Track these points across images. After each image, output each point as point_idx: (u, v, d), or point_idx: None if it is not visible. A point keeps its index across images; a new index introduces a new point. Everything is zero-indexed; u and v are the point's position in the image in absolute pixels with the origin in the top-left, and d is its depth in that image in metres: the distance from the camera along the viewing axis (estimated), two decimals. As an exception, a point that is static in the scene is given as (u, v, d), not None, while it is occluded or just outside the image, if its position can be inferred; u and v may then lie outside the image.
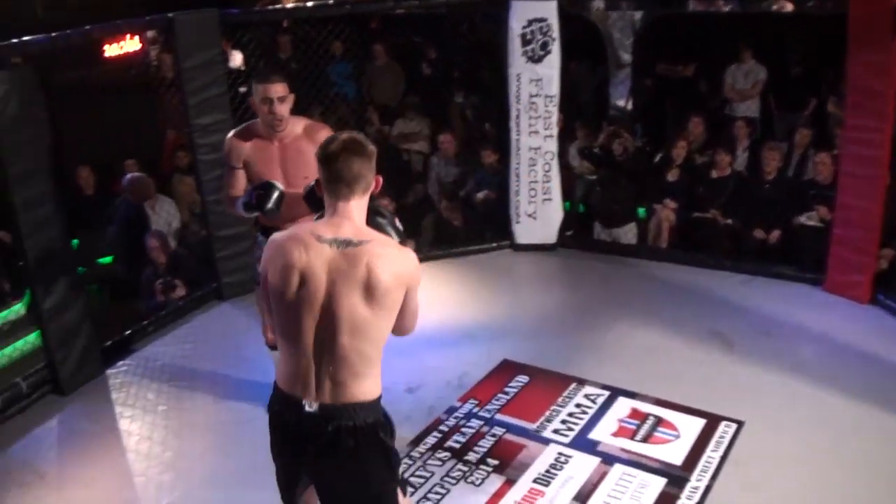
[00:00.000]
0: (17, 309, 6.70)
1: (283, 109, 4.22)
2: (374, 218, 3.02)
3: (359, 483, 2.91)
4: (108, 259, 7.60)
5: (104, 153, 8.23)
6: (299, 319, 2.79)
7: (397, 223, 3.18)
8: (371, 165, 2.85)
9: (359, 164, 2.80)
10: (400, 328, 3.00)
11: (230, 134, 4.46)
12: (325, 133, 4.15)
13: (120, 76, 8.63)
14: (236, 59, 8.35)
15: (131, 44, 8.63)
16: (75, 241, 5.70)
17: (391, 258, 2.78)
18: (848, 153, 6.07)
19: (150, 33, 8.04)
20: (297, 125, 4.36)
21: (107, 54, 8.62)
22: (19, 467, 4.78)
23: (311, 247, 2.78)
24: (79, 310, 5.51)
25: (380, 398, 2.92)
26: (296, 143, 4.34)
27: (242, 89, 7.19)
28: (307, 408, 2.82)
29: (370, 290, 2.74)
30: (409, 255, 2.87)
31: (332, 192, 2.84)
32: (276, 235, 2.93)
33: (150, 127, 8.04)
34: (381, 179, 2.93)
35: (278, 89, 4.18)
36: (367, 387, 2.86)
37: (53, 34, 5.40)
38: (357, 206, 2.85)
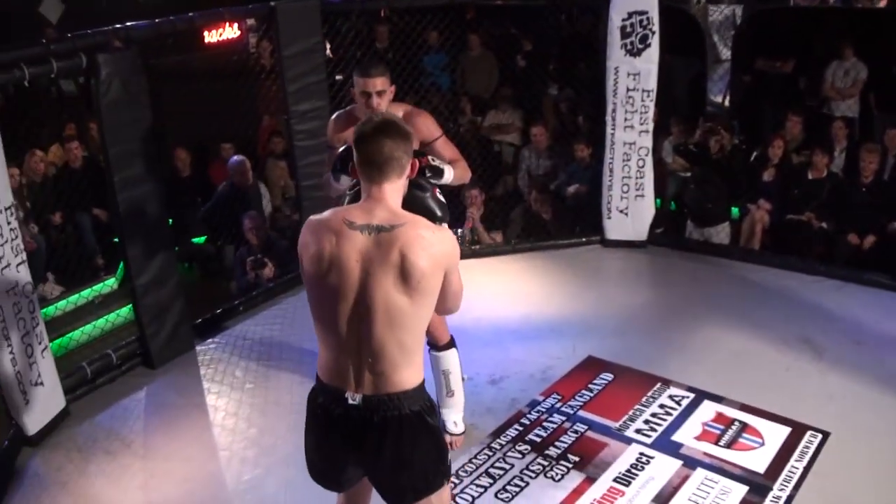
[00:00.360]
0: (110, 283, 6.95)
1: (381, 103, 4.15)
2: (413, 192, 3.08)
3: (410, 471, 2.87)
4: (201, 239, 7.79)
5: (201, 136, 8.43)
6: (334, 309, 2.75)
7: (439, 196, 3.21)
8: (406, 148, 2.80)
9: (391, 146, 2.74)
10: (443, 309, 2.95)
11: (333, 116, 4.45)
12: (422, 120, 4.17)
13: (218, 62, 8.81)
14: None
15: (230, 31, 8.81)
16: (170, 221, 5.83)
17: (426, 240, 2.71)
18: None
19: (249, 20, 8.18)
20: (398, 111, 4.24)
21: (207, 40, 8.82)
22: (106, 435, 4.96)
23: (342, 234, 2.73)
24: (171, 287, 5.65)
25: (423, 384, 2.86)
26: None
27: (339, 77, 7.28)
28: (350, 400, 2.77)
29: (405, 277, 2.68)
30: (445, 234, 2.83)
31: (365, 176, 2.78)
32: (312, 219, 2.87)
33: (246, 112, 8.17)
34: (417, 163, 2.92)
35: (377, 83, 4.11)
36: (408, 375, 2.79)
37: (157, 20, 5.55)
38: (391, 190, 2.79)
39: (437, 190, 3.32)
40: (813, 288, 6.39)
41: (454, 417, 4.55)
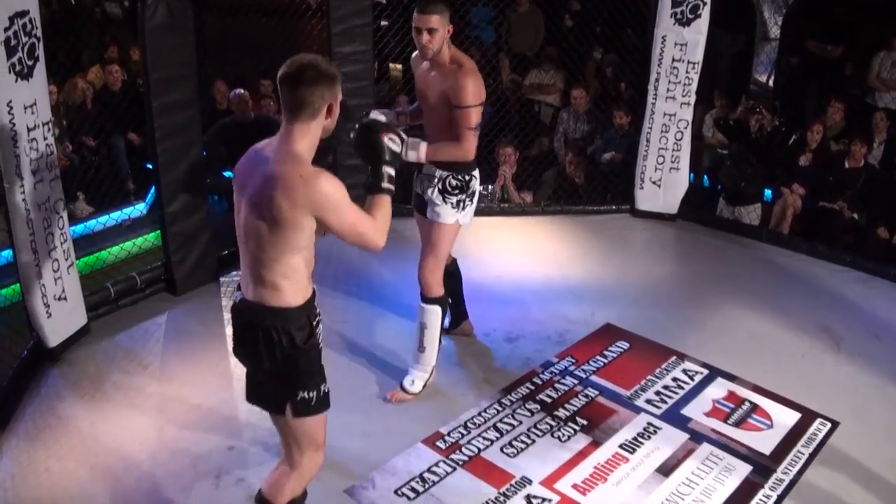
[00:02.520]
0: (140, 208, 7.01)
1: (432, 41, 4.18)
2: (362, 132, 3.19)
3: (259, 379, 3.15)
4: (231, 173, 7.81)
5: (241, 70, 8.42)
6: (238, 223, 3.01)
7: (391, 137, 3.18)
8: (322, 92, 2.86)
9: (304, 91, 2.82)
10: (355, 245, 3.08)
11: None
12: (461, 83, 4.20)
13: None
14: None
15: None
16: (204, 152, 5.86)
17: (286, 182, 2.79)
18: None
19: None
20: (451, 61, 4.32)
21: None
22: (124, 355, 5.07)
23: (248, 159, 2.99)
24: (200, 216, 5.72)
25: (296, 308, 3.01)
26: (439, 72, 4.32)
27: (384, 23, 7.25)
28: (235, 299, 3.12)
29: (261, 208, 2.85)
30: (308, 182, 2.82)
31: (282, 113, 2.92)
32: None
33: (289, 50, 8.14)
34: (335, 106, 2.92)
35: (431, 20, 4.15)
36: (274, 294, 2.97)
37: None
38: (299, 129, 2.85)
39: (395, 131, 3.26)
40: (838, 278, 6.35)
41: (414, 375, 4.66)
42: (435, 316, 4.55)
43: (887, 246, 6.88)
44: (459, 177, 4.43)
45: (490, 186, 7.21)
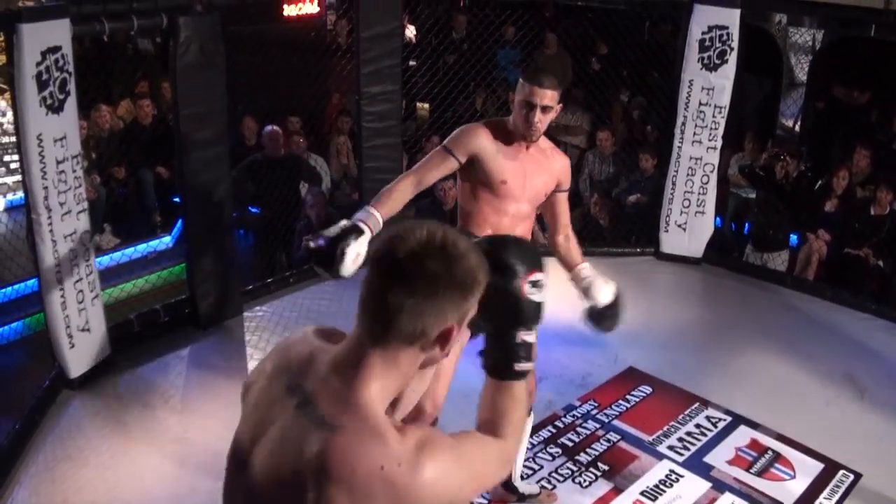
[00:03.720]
0: (166, 241, 7.08)
1: (543, 121, 3.54)
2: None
3: None
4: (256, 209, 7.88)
5: (270, 107, 8.51)
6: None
7: (526, 290, 1.95)
8: (444, 306, 1.63)
9: (408, 298, 1.60)
10: None
11: (475, 123, 3.70)
12: (565, 167, 3.78)
13: (295, 36, 8.89)
14: (408, 31, 8.47)
15: (310, 6, 8.87)
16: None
17: (356, 479, 1.57)
18: None
19: (330, -1, 8.26)
20: (543, 139, 3.71)
21: (286, 13, 8.89)
22: (146, 387, 5.08)
23: (272, 381, 1.80)
24: (225, 251, 5.73)
25: None
26: (540, 155, 3.69)
27: (412, 63, 7.31)
28: None
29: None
30: (405, 477, 1.58)
31: (357, 319, 1.69)
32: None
33: (317, 88, 8.22)
34: (453, 331, 1.66)
35: (547, 96, 3.48)
36: None
37: (239, -12, 5.62)
38: (383, 361, 1.65)
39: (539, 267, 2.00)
40: (863, 325, 6.29)
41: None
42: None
43: (913, 294, 6.82)
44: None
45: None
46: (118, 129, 7.98)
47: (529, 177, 3.63)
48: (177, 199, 6.04)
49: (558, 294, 2.95)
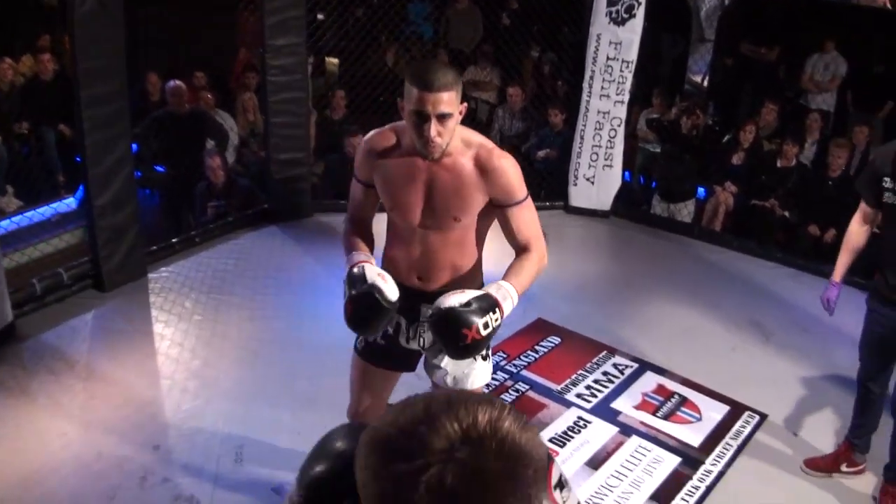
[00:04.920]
0: (69, 202, 6.87)
1: (443, 134, 2.73)
2: None
3: None
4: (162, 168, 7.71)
5: (175, 62, 8.31)
6: None
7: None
8: None
9: None
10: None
11: (369, 135, 3.01)
12: (502, 171, 2.90)
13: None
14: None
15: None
16: (134, 145, 5.76)
17: None
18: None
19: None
20: (468, 143, 2.88)
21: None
22: (51, 353, 4.93)
23: None
24: (129, 211, 5.60)
25: None
26: (457, 167, 2.86)
27: (320, 17, 7.19)
28: None
29: None
30: None
31: None
32: None
33: (224, 43, 8.06)
34: None
35: (443, 100, 2.67)
36: None
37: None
38: None
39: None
40: (769, 273, 6.44)
41: None
42: None
43: (817, 243, 7.00)
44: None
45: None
46: (19, 84, 7.71)
47: (436, 196, 2.88)
48: (79, 159, 5.86)
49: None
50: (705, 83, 9.74)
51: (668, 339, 5.39)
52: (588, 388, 4.80)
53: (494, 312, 2.70)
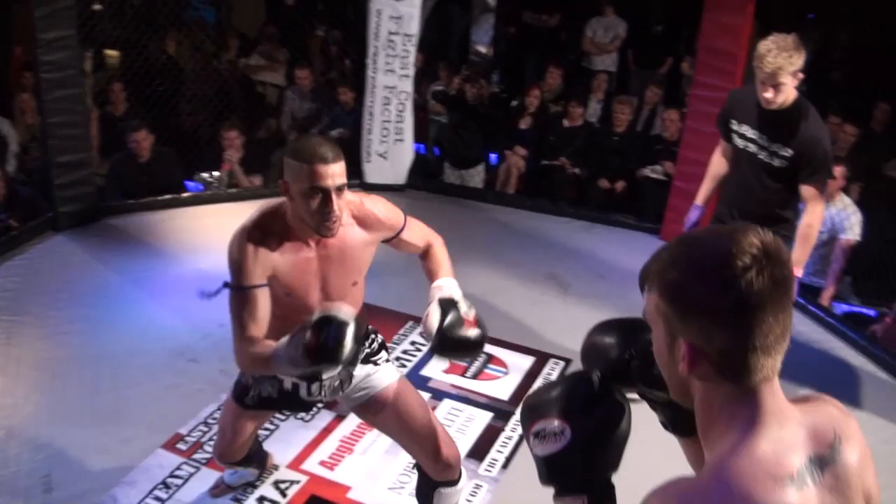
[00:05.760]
0: None
1: (343, 206, 2.70)
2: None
3: None
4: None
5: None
6: None
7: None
8: None
9: None
10: None
11: (240, 235, 2.77)
12: (381, 209, 2.95)
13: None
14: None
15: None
16: None
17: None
18: (694, 110, 6.28)
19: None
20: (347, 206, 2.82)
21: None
22: None
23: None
24: None
25: None
26: (341, 234, 2.81)
27: (97, 7, 6.90)
28: None
29: None
30: None
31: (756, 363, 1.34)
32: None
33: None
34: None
35: (339, 172, 2.63)
36: None
37: None
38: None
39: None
40: (563, 229, 6.69)
41: None
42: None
43: (609, 195, 7.30)
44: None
45: (216, 173, 7.05)
46: None
47: (332, 273, 2.88)
48: None
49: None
50: (490, 52, 9.97)
51: (471, 302, 5.47)
52: (397, 359, 4.86)
53: (458, 305, 2.91)
